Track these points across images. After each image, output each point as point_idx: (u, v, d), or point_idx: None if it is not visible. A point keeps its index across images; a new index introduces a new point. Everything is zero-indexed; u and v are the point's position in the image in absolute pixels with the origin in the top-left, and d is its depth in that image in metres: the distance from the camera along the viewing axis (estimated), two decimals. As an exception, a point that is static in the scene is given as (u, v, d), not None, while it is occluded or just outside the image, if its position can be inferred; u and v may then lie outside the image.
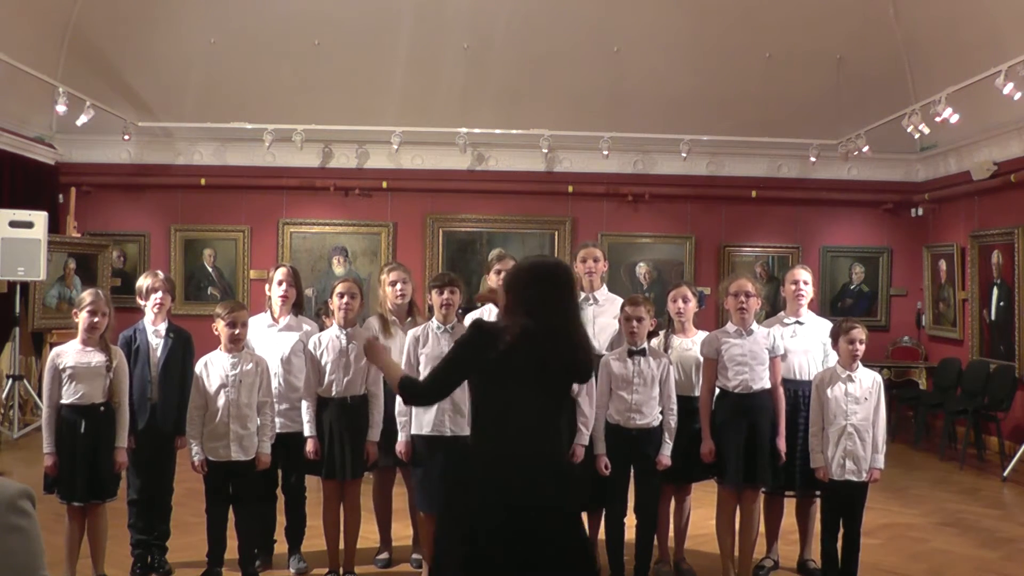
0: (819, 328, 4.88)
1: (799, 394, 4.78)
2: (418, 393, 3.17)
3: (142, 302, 4.68)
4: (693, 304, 4.85)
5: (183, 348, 4.72)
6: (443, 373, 3.05)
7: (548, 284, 2.99)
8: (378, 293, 5.11)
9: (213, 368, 4.45)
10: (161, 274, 4.75)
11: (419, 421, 4.47)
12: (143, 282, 4.69)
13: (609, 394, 4.55)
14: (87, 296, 4.33)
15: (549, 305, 2.95)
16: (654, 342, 4.73)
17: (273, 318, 4.90)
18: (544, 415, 2.96)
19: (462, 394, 3.81)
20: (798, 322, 4.92)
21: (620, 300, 4.87)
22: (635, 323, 4.53)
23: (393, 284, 4.92)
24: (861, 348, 4.50)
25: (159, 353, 4.63)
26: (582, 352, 3.03)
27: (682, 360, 4.75)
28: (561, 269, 3.10)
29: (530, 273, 3.04)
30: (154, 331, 4.66)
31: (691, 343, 4.81)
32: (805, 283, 4.93)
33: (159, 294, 4.65)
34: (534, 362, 2.91)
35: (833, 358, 4.69)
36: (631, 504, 4.68)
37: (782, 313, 5.06)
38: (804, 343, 4.87)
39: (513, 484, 2.83)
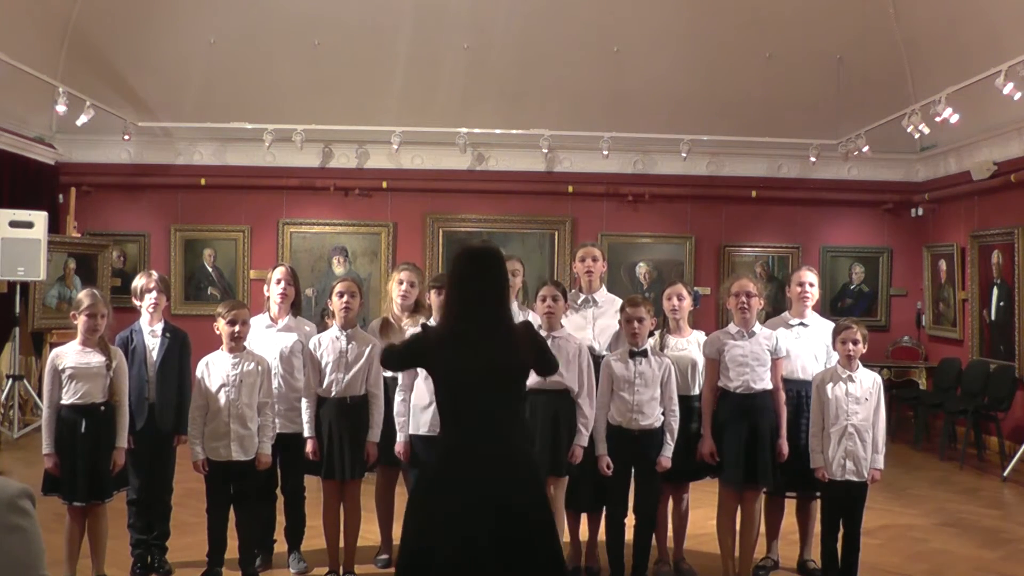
0: (823, 329, 4.86)
1: (803, 395, 4.77)
2: (387, 358, 3.40)
3: (137, 302, 4.69)
4: (688, 303, 4.84)
5: (180, 348, 4.71)
6: (405, 350, 3.32)
7: (467, 283, 3.10)
8: (380, 293, 5.12)
9: (214, 368, 4.45)
10: (155, 274, 4.75)
11: (416, 421, 4.50)
12: (137, 282, 4.70)
13: (611, 395, 4.55)
14: (84, 299, 4.33)
15: (468, 307, 3.07)
16: (650, 341, 4.72)
17: (271, 318, 4.90)
18: (491, 413, 3.01)
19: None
20: (802, 323, 4.91)
21: (619, 300, 4.87)
22: (636, 324, 4.53)
23: (400, 284, 4.93)
24: (856, 348, 4.49)
25: (156, 353, 4.63)
26: (506, 354, 3.05)
27: (677, 360, 4.73)
28: (479, 265, 3.13)
29: (451, 272, 3.20)
30: (150, 331, 4.66)
31: (686, 342, 4.80)
32: (811, 285, 4.92)
33: (153, 294, 4.65)
34: (465, 362, 3.01)
35: (835, 359, 4.67)
36: (631, 504, 4.67)
37: (786, 313, 5.03)
38: (808, 344, 4.86)
39: (461, 481, 2.92)
